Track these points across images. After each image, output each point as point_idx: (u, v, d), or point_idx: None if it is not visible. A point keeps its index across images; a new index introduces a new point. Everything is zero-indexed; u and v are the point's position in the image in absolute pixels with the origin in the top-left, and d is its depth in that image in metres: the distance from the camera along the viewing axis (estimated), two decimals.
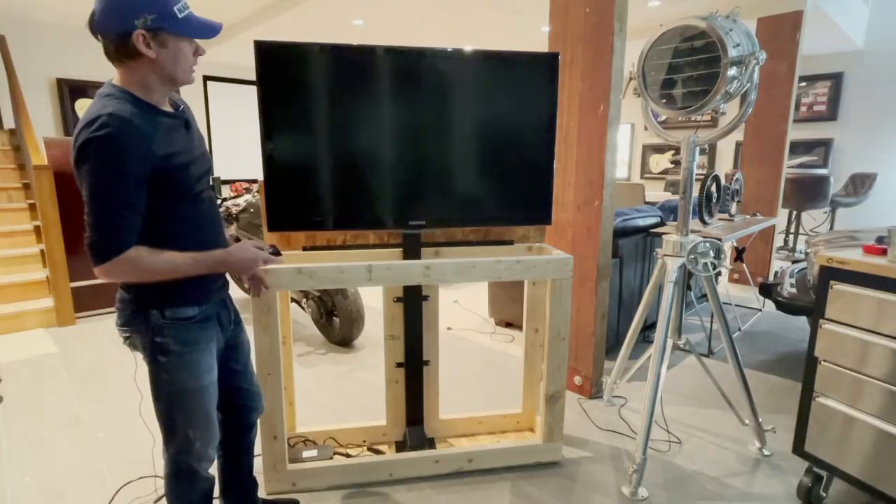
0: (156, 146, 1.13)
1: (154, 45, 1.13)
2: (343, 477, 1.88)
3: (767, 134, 4.35)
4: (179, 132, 1.23)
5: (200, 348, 1.29)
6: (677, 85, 1.89)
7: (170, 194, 1.19)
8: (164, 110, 1.21)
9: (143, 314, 1.22)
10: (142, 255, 1.14)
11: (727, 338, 2.07)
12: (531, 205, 1.88)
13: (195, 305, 1.27)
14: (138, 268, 1.14)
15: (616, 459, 2.06)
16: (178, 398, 1.28)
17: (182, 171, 1.20)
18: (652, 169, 8.17)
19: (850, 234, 2.02)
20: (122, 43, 1.11)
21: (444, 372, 2.89)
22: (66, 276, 3.73)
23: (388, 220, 1.80)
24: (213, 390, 1.35)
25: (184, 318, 1.25)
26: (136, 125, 1.10)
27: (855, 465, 1.59)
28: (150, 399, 1.33)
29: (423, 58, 1.70)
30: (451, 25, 5.40)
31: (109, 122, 1.06)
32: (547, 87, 1.81)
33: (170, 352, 1.24)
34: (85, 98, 5.56)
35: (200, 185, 1.27)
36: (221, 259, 1.26)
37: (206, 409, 1.33)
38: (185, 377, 1.27)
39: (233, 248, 1.29)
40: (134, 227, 1.13)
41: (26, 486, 1.91)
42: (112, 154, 1.07)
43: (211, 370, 1.33)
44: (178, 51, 1.17)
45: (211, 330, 1.33)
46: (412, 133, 1.75)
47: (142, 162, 1.11)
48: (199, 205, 1.27)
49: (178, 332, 1.25)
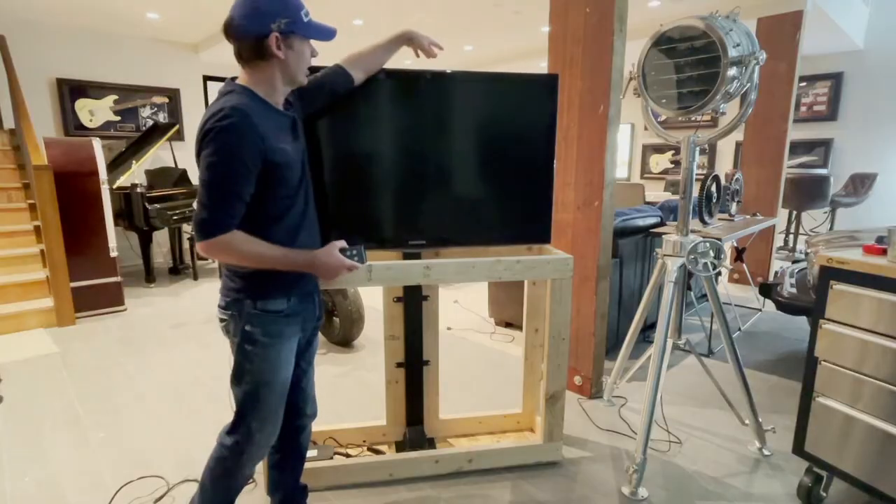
0: (269, 141, 1.22)
1: (284, 47, 1.23)
2: (343, 477, 1.88)
3: (767, 134, 4.35)
4: (286, 131, 1.32)
5: (283, 342, 1.36)
6: (677, 85, 1.89)
7: (275, 189, 1.27)
8: (278, 109, 1.31)
9: (241, 302, 1.31)
10: (238, 238, 1.22)
11: (727, 338, 2.07)
12: (531, 225, 1.89)
13: (284, 299, 1.34)
14: (233, 250, 1.23)
15: (616, 459, 2.06)
16: (255, 388, 1.35)
17: (286, 168, 1.28)
18: (652, 169, 8.17)
19: (850, 234, 2.02)
20: (258, 45, 1.22)
21: (444, 372, 2.89)
22: (66, 276, 3.73)
23: (389, 240, 1.80)
24: (286, 386, 1.41)
25: (273, 310, 1.33)
26: (255, 119, 1.19)
27: (855, 465, 1.59)
28: (150, 398, 1.33)
29: (423, 80, 1.70)
30: (451, 26, 5.40)
31: (232, 113, 1.16)
32: (546, 109, 1.80)
33: (256, 341, 1.32)
34: (85, 98, 5.55)
35: (300, 184, 1.35)
36: (308, 261, 1.32)
37: (275, 403, 1.39)
38: (266, 369, 1.34)
39: (321, 252, 1.33)
40: (237, 212, 1.22)
41: (26, 486, 1.91)
42: (231, 143, 1.16)
43: (288, 365, 1.40)
44: (302, 52, 1.28)
45: (296, 326, 1.39)
46: (413, 155, 1.75)
47: (256, 153, 1.20)
48: (297, 203, 1.35)
49: (266, 323, 1.32)
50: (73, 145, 3.97)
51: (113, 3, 4.70)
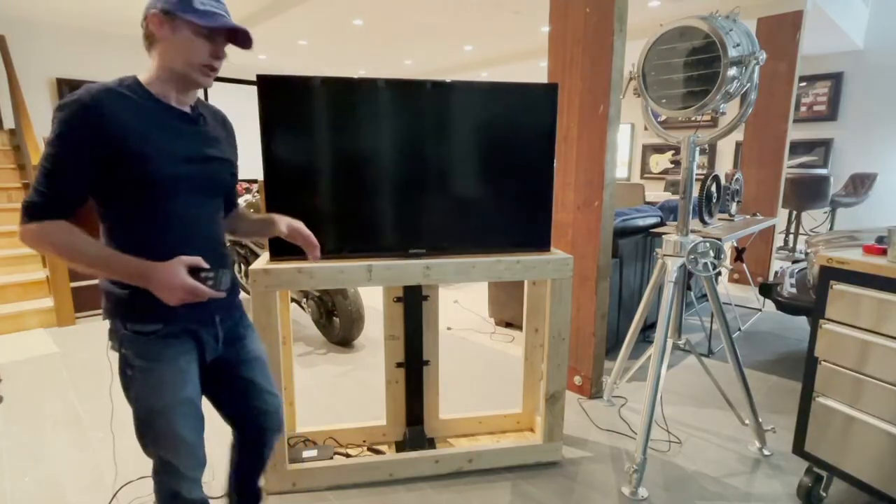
0: (124, 128, 1.08)
1: (167, 29, 1.11)
2: (343, 477, 1.88)
3: (767, 134, 4.35)
4: (167, 126, 1.16)
5: (163, 366, 1.19)
6: (677, 85, 1.89)
7: (128, 181, 1.11)
8: (166, 104, 1.16)
9: (113, 324, 1.20)
10: (57, 228, 1.07)
11: (727, 338, 2.07)
12: (531, 233, 1.88)
13: (156, 323, 1.18)
14: (46, 239, 1.07)
15: (616, 459, 2.06)
16: (145, 417, 1.21)
17: (147, 162, 1.11)
18: (652, 169, 8.18)
19: (850, 234, 2.02)
20: (145, 28, 1.13)
21: (444, 372, 2.89)
22: (66, 276, 3.73)
23: (390, 248, 1.80)
24: (184, 410, 1.21)
25: (144, 332, 1.18)
26: (109, 104, 1.07)
27: (855, 465, 1.59)
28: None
29: (422, 90, 1.70)
30: (450, 26, 5.40)
31: (82, 95, 1.06)
32: (546, 118, 1.80)
33: (132, 366, 1.18)
34: None
35: (179, 186, 1.17)
36: (141, 271, 1.08)
37: (177, 430, 1.20)
38: (148, 394, 1.19)
39: (161, 265, 1.09)
40: (68, 200, 1.08)
41: (26, 486, 1.91)
42: (72, 124, 1.05)
43: (181, 388, 1.21)
44: (188, 40, 1.11)
45: (179, 347, 1.21)
46: (413, 165, 1.76)
47: (100, 138, 1.06)
48: (175, 207, 1.17)
49: (138, 345, 1.18)
50: None
51: (113, 4, 4.70)
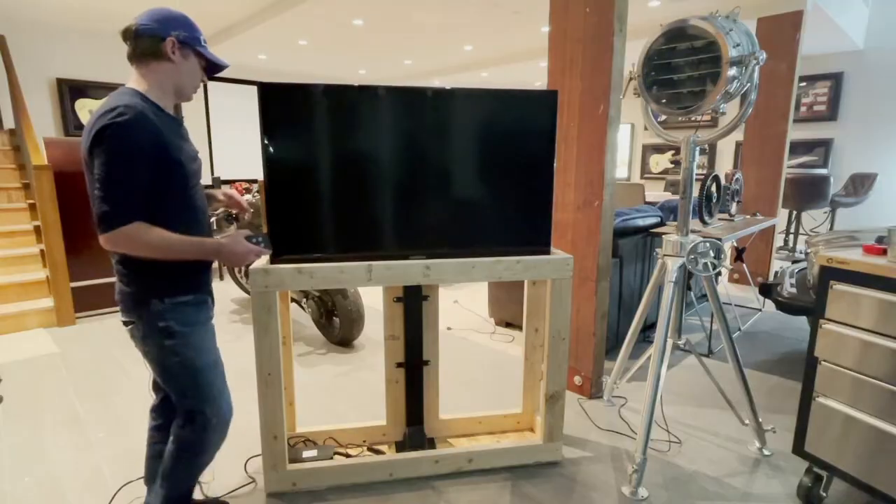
0: (164, 138, 1.29)
1: (179, 54, 1.35)
2: (343, 477, 1.88)
3: (767, 134, 4.35)
4: (178, 133, 1.40)
5: (200, 328, 1.42)
6: (677, 85, 1.89)
7: (170, 182, 1.32)
8: (167, 113, 1.38)
9: (145, 303, 1.34)
10: (143, 229, 1.26)
11: (727, 338, 2.07)
12: (531, 238, 1.88)
13: (189, 293, 1.40)
14: (140, 240, 1.25)
15: (616, 459, 2.06)
16: (190, 377, 1.40)
17: (181, 165, 1.34)
18: (652, 169, 8.18)
19: (850, 234, 2.01)
20: (155, 44, 1.32)
21: (444, 372, 2.89)
22: (66, 276, 3.73)
23: (390, 254, 1.80)
24: (220, 367, 1.48)
25: (182, 301, 1.38)
26: (149, 117, 1.27)
27: (855, 465, 1.59)
28: (150, 398, 1.34)
29: (422, 97, 1.70)
30: (450, 26, 5.40)
31: (126, 111, 1.22)
32: (546, 124, 1.80)
33: (174, 332, 1.36)
34: (85, 98, 5.56)
35: (195, 180, 1.42)
36: (216, 248, 1.36)
37: (218, 386, 1.46)
38: (194, 356, 1.39)
39: (227, 240, 1.38)
40: (139, 204, 1.25)
41: (26, 486, 1.91)
42: (129, 137, 1.21)
43: (215, 348, 1.47)
44: (194, 67, 1.40)
45: (207, 312, 1.46)
46: (414, 170, 1.76)
47: (152, 148, 1.25)
48: (193, 197, 1.41)
49: (179, 313, 1.37)
50: (72, 145, 3.97)
51: (113, 4, 4.70)
